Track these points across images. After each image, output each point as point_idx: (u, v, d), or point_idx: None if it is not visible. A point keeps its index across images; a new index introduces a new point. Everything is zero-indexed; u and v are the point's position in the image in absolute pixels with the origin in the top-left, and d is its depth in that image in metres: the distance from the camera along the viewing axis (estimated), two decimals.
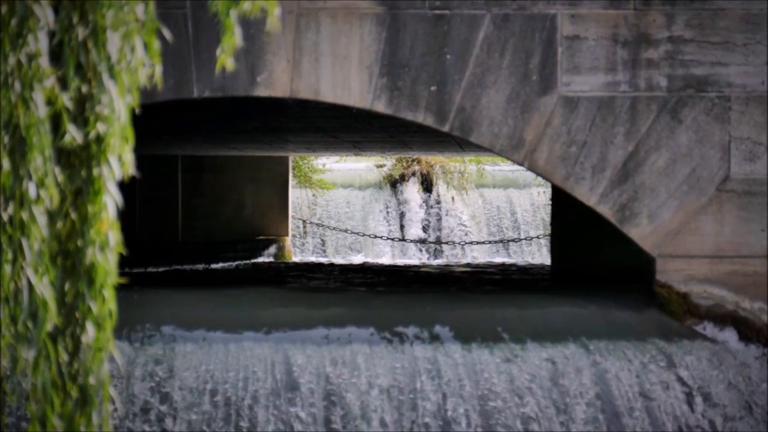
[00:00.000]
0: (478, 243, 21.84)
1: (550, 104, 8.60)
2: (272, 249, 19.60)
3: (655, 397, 7.73)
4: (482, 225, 22.62)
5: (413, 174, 22.84)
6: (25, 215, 3.44)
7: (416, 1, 8.61)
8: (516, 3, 8.59)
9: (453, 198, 22.81)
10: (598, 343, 7.95)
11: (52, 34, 3.55)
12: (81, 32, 3.57)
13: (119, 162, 3.63)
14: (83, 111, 3.59)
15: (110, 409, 3.67)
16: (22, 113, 3.45)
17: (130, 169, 3.68)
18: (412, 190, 22.75)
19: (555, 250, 13.81)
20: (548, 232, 18.79)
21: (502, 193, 22.98)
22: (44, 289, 3.45)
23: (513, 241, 21.84)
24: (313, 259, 20.72)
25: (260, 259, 19.26)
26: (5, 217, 3.44)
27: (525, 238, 21.79)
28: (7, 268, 3.43)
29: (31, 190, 3.45)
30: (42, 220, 3.47)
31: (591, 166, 8.61)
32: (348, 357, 7.60)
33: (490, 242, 21.92)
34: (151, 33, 3.65)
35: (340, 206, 22.60)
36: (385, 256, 21.65)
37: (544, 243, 21.31)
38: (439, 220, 22.62)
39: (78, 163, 3.61)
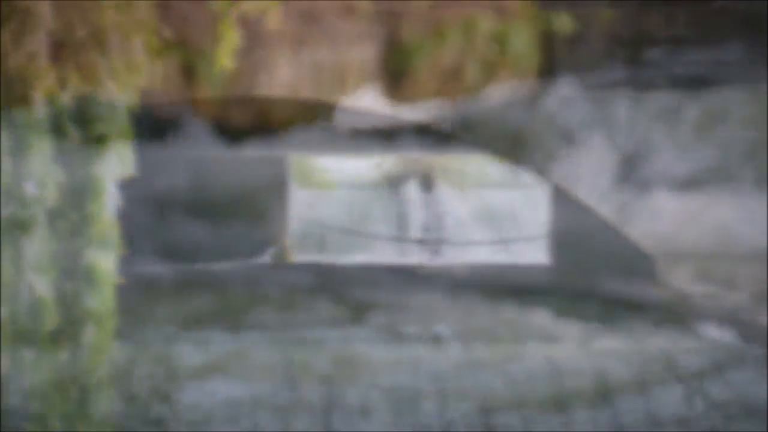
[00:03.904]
0: (478, 243, 21.83)
1: (550, 104, 8.60)
2: (272, 249, 19.59)
3: (655, 397, 7.73)
4: (482, 225, 22.62)
5: (413, 174, 22.84)
6: (25, 215, 3.45)
7: None
8: None
9: (453, 198, 22.81)
10: (598, 343, 7.96)
11: (52, 34, 3.56)
12: (81, 32, 3.58)
13: (119, 162, 3.64)
14: (83, 111, 3.60)
15: (110, 409, 3.67)
16: (23, 113, 3.45)
17: (130, 169, 3.69)
18: (412, 190, 22.75)
19: (555, 250, 13.80)
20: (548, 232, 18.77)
21: (502, 193, 22.97)
22: (44, 289, 3.46)
23: (513, 241, 21.83)
24: (313, 259, 20.70)
25: (260, 259, 19.24)
26: (5, 217, 3.45)
27: (525, 238, 21.78)
28: (7, 268, 3.44)
29: (31, 190, 3.46)
30: (42, 220, 3.48)
31: (591, 166, 8.61)
32: (348, 357, 7.61)
33: (490, 242, 21.92)
34: (151, 33, 3.66)
35: (340, 206, 22.60)
36: (385, 256, 21.64)
37: (544, 243, 21.29)
38: (439, 220, 22.62)
39: (78, 163, 3.61)
